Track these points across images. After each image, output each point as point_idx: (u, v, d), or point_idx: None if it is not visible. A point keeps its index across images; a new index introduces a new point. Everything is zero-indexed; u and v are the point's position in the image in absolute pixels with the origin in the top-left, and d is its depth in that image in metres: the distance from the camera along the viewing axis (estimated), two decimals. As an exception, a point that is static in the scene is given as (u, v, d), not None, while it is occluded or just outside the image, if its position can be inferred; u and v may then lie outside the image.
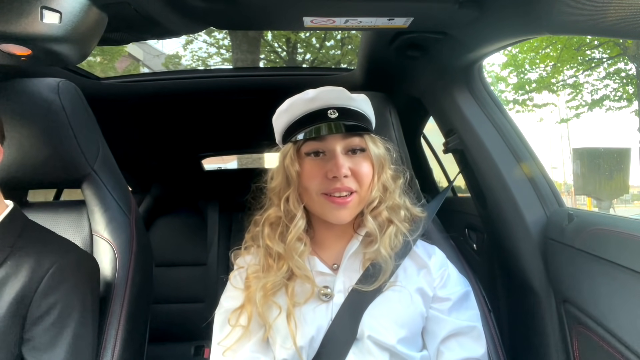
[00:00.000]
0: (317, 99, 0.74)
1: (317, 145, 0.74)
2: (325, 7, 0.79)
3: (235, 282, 0.79)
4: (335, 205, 0.72)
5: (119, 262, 0.89)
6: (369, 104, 0.81)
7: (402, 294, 0.74)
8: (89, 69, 1.44)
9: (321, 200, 0.73)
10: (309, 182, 0.73)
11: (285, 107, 0.77)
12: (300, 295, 0.73)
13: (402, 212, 0.79)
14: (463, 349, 0.73)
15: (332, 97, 0.75)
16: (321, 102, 0.74)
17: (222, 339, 0.73)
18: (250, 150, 3.21)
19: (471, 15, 0.81)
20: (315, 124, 0.73)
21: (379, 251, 0.74)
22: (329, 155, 0.73)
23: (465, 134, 1.09)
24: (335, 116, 0.73)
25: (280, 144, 0.81)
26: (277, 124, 0.80)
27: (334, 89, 0.75)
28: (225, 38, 6.67)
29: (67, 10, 0.59)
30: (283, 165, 0.76)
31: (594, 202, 4.85)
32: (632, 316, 0.63)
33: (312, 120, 0.73)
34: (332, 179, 0.71)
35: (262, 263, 0.76)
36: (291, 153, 0.75)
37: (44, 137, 0.86)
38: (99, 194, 0.94)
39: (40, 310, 0.70)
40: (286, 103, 0.77)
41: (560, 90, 8.06)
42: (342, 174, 0.70)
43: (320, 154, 0.74)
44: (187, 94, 1.54)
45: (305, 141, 0.74)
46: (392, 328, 0.70)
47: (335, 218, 0.73)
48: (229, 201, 2.09)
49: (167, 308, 1.92)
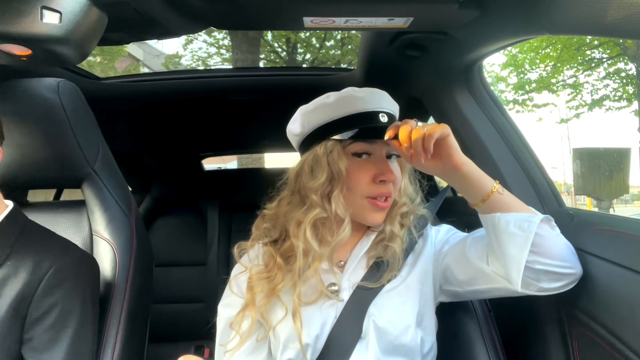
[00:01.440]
0: (369, 100, 0.74)
1: (366, 147, 0.73)
2: (325, 7, 0.79)
3: (235, 288, 0.77)
4: (377, 208, 0.73)
5: (119, 262, 0.89)
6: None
7: (406, 288, 0.74)
8: (89, 69, 1.44)
9: (364, 203, 0.73)
10: (355, 183, 0.72)
11: (331, 101, 0.74)
12: (308, 294, 0.72)
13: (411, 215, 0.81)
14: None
15: (382, 100, 0.76)
16: (373, 105, 0.74)
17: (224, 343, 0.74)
18: (251, 150, 3.21)
19: (471, 15, 0.81)
20: (367, 125, 0.72)
21: (390, 248, 0.75)
22: (374, 158, 0.73)
23: (465, 134, 1.09)
24: (385, 120, 0.74)
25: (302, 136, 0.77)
26: (310, 118, 0.75)
27: (383, 93, 0.77)
28: (225, 38, 6.67)
29: (67, 10, 0.59)
30: (327, 162, 0.72)
31: (594, 202, 4.85)
32: (633, 316, 0.63)
33: (363, 120, 0.73)
34: (379, 182, 0.72)
35: (266, 262, 0.76)
36: (338, 150, 0.72)
37: (44, 137, 0.86)
38: (99, 193, 0.94)
39: (40, 311, 0.70)
40: (333, 97, 0.74)
41: (560, 90, 8.07)
42: (392, 179, 0.72)
43: (363, 155, 0.74)
44: (187, 94, 1.54)
45: (353, 141, 0.73)
46: (397, 323, 0.70)
47: (373, 220, 0.75)
48: (229, 201, 2.09)
49: (167, 308, 1.92)
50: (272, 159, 4.36)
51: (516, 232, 0.63)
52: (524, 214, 0.65)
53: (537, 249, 0.63)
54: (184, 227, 2.09)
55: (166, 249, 1.98)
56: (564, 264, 0.64)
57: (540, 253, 0.63)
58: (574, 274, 0.66)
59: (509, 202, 0.67)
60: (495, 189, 0.66)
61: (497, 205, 0.66)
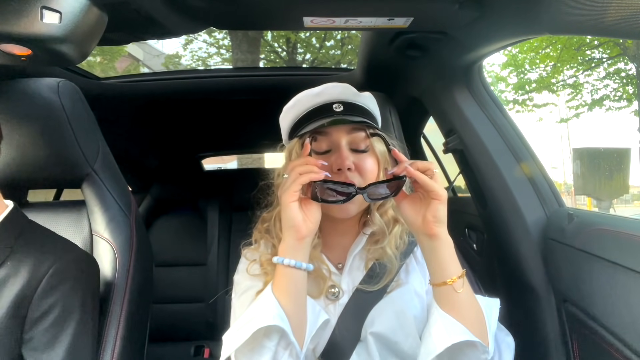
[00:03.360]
0: (323, 94, 0.74)
1: (326, 140, 0.72)
2: (325, 7, 0.79)
3: (252, 270, 0.75)
4: None
5: (119, 262, 0.89)
6: (375, 102, 0.80)
7: (407, 294, 0.73)
8: (89, 69, 1.44)
9: None
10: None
11: (291, 104, 0.77)
12: (311, 293, 0.72)
13: None
14: None
15: (337, 92, 0.74)
16: (326, 97, 0.74)
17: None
18: (250, 150, 3.21)
19: (471, 15, 0.81)
20: (320, 119, 0.72)
21: (384, 251, 0.74)
22: (334, 150, 0.73)
23: (465, 134, 1.09)
24: (340, 110, 0.72)
25: (287, 142, 0.80)
26: (284, 121, 0.79)
27: (340, 85, 0.75)
28: (225, 38, 6.67)
29: (67, 10, 0.59)
30: (289, 161, 0.74)
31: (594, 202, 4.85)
32: (632, 316, 0.63)
33: (318, 115, 0.73)
34: (337, 171, 0.70)
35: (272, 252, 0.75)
36: (297, 149, 0.74)
37: (44, 137, 0.86)
38: (99, 193, 0.94)
39: (40, 311, 0.70)
40: (293, 100, 0.77)
41: (560, 90, 8.07)
42: (346, 166, 0.69)
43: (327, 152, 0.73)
44: (187, 94, 1.55)
45: (311, 136, 0.72)
46: (397, 329, 0.70)
47: (340, 212, 0.72)
48: (229, 201, 2.09)
49: (167, 308, 1.92)
50: (272, 159, 4.36)
51: (432, 336, 0.62)
52: (457, 324, 0.61)
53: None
54: (184, 227, 2.09)
55: (166, 249, 1.98)
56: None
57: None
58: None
59: (460, 304, 0.63)
60: (450, 283, 0.62)
61: (445, 300, 0.63)
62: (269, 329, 0.61)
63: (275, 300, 0.62)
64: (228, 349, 0.61)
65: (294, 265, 0.63)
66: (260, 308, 0.62)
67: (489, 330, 0.63)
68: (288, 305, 0.62)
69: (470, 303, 0.64)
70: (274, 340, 0.61)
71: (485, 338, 0.62)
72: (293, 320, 0.62)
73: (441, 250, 0.63)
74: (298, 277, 0.64)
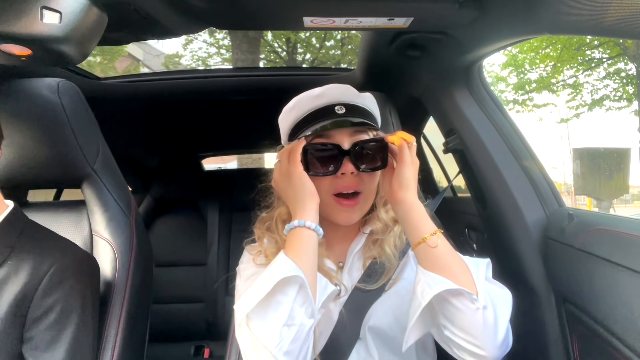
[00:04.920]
0: (324, 95, 0.73)
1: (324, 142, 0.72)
2: (325, 7, 0.79)
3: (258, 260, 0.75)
4: (344, 207, 0.71)
5: (119, 262, 0.89)
6: (375, 103, 0.80)
7: (402, 290, 0.74)
8: (89, 69, 1.44)
9: (331, 202, 0.72)
10: (318, 181, 0.71)
11: (291, 105, 0.76)
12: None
13: None
14: None
15: (338, 93, 0.74)
16: (328, 99, 0.73)
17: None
18: (250, 150, 3.22)
19: (471, 15, 0.81)
20: (322, 121, 0.71)
21: (384, 250, 0.74)
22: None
23: (465, 134, 1.09)
24: (342, 112, 0.72)
25: (286, 143, 0.80)
26: (284, 123, 0.78)
27: (341, 86, 0.75)
28: (225, 38, 6.67)
29: (67, 10, 0.59)
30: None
31: (594, 202, 4.85)
32: (632, 316, 0.63)
33: (319, 117, 0.72)
34: (340, 175, 0.70)
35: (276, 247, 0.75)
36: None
37: (44, 137, 0.86)
38: (99, 193, 0.94)
39: (40, 310, 0.70)
40: (292, 101, 0.76)
41: (560, 90, 8.07)
42: (349, 170, 0.69)
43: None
44: (187, 94, 1.55)
45: (313, 138, 0.72)
46: (394, 324, 0.70)
47: (343, 220, 0.73)
48: (229, 201, 2.09)
49: (167, 308, 1.92)
50: (272, 159, 4.35)
51: (417, 294, 0.62)
52: (438, 277, 0.61)
53: (446, 321, 0.61)
54: (184, 227, 2.09)
55: (166, 249, 1.98)
56: (474, 341, 0.59)
57: (451, 323, 0.60)
58: (483, 357, 0.59)
59: (438, 258, 0.63)
60: (424, 240, 0.63)
61: (424, 257, 0.63)
62: (285, 283, 0.59)
63: (289, 259, 0.62)
64: (242, 311, 0.59)
65: (314, 228, 0.65)
66: (275, 267, 0.61)
67: (476, 281, 0.62)
68: (303, 265, 0.62)
69: (450, 257, 0.64)
70: (291, 295, 0.59)
71: (472, 287, 0.60)
72: (307, 280, 0.61)
73: (410, 213, 0.65)
74: (312, 239, 0.65)
